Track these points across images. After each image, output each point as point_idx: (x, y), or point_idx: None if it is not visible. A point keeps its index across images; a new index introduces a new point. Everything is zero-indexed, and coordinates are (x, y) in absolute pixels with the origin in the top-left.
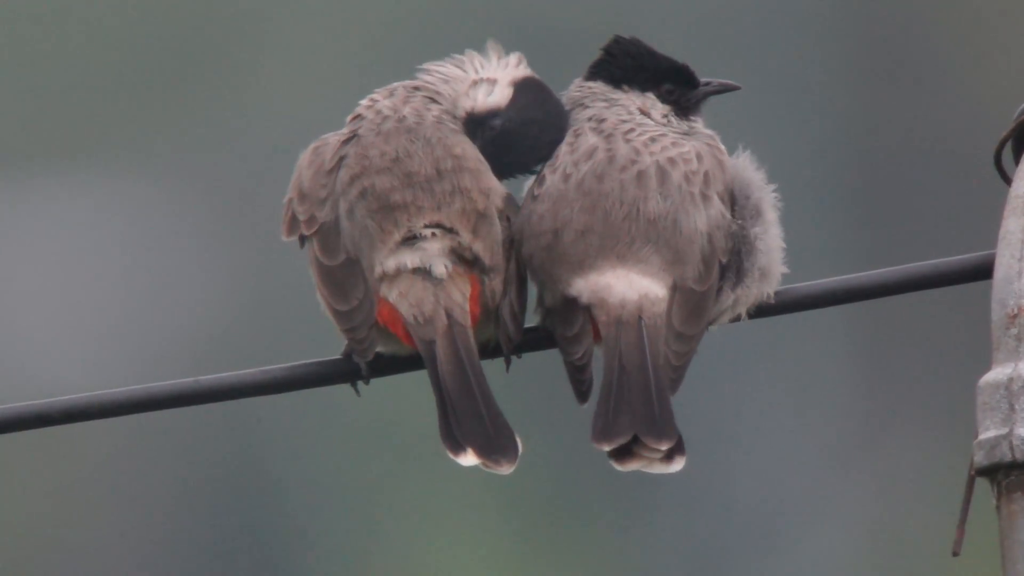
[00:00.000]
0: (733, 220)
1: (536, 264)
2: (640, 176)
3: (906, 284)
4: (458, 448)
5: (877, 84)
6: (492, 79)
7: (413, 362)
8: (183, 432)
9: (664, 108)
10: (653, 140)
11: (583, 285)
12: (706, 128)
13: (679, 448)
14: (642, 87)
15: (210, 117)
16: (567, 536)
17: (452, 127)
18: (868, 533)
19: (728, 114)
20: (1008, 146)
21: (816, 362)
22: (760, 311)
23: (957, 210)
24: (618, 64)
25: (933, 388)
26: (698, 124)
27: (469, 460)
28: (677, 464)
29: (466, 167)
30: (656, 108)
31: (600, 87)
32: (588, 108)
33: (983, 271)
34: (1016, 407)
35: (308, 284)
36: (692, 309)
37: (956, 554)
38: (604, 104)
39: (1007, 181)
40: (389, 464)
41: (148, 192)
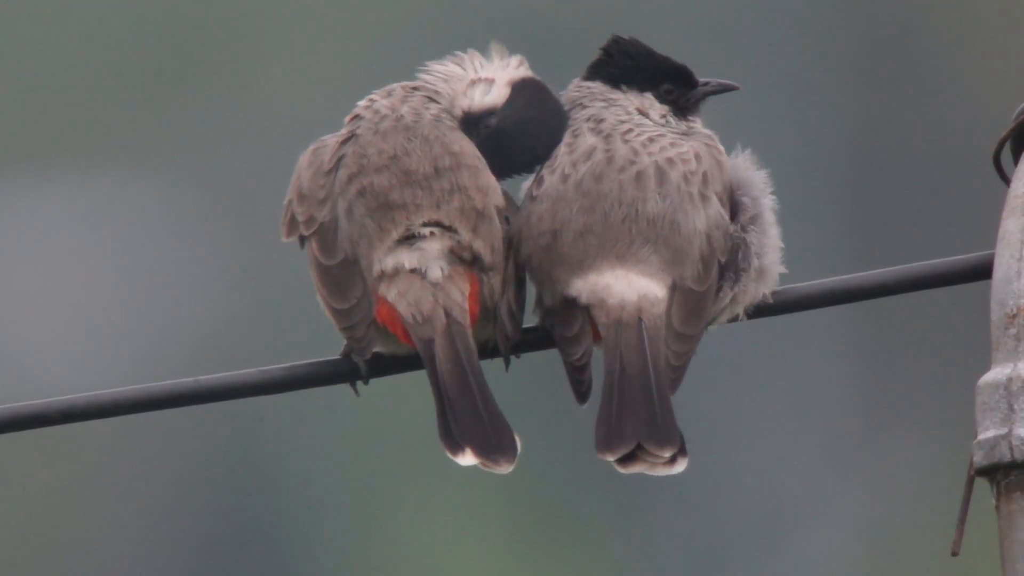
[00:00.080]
0: (732, 220)
1: (535, 265)
2: (639, 176)
3: (905, 284)
4: (457, 448)
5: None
6: (490, 79)
7: (412, 362)
8: (183, 432)
9: (663, 108)
10: (651, 140)
11: (582, 285)
12: (705, 128)
13: (681, 450)
14: (640, 87)
15: (210, 117)
16: (567, 536)
17: (450, 125)
18: (868, 533)
19: (728, 114)
20: (1007, 146)
21: (816, 362)
22: (759, 311)
23: (956, 210)
24: (616, 64)
25: (932, 388)
26: (697, 124)
27: (468, 460)
28: (679, 466)
29: (464, 164)
30: (654, 108)
31: (598, 87)
32: (586, 108)
33: (982, 271)
34: (1015, 407)
35: (308, 284)
36: (691, 309)
37: (956, 554)
38: (602, 104)
39: (1006, 181)
40: (389, 464)
41: (148, 192)
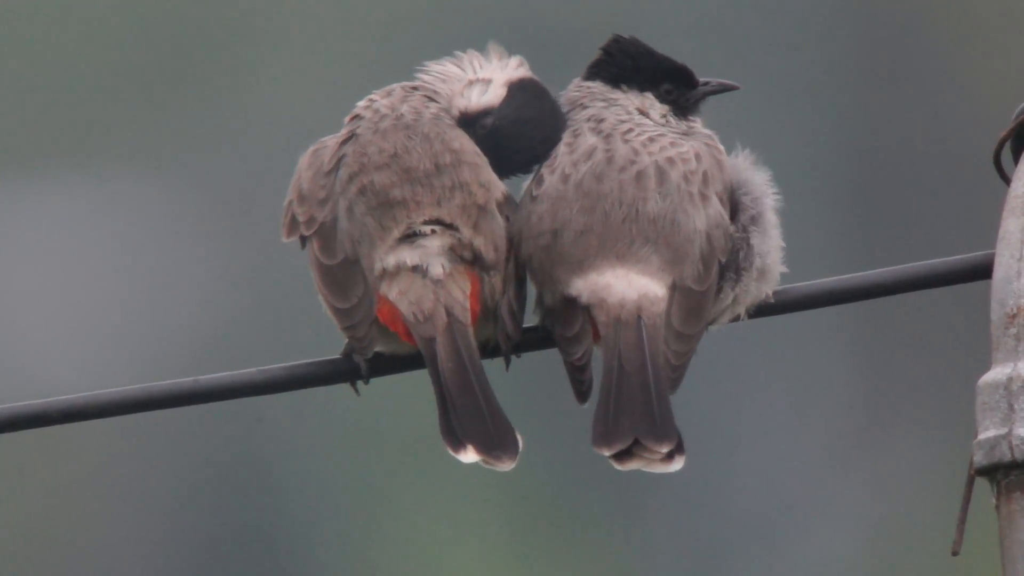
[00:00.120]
0: (732, 220)
1: (535, 264)
2: (639, 176)
3: (905, 284)
4: (458, 445)
5: (877, 84)
6: (487, 79)
7: (413, 361)
8: (183, 432)
9: (663, 108)
10: (652, 140)
11: (582, 285)
12: (705, 128)
13: (679, 448)
14: (641, 87)
15: (210, 117)
16: (567, 535)
17: (450, 123)
18: (868, 532)
19: (728, 114)
20: (1007, 146)
21: (816, 362)
22: (759, 311)
23: (956, 210)
24: (617, 64)
25: (932, 388)
26: (697, 124)
27: (469, 457)
28: (677, 464)
29: (465, 161)
30: (655, 108)
31: (599, 87)
32: (587, 108)
33: (982, 271)
34: (1015, 407)
35: (308, 284)
36: (691, 309)
37: (956, 553)
38: (603, 104)
39: (1006, 181)
40: (389, 464)
41: (148, 192)
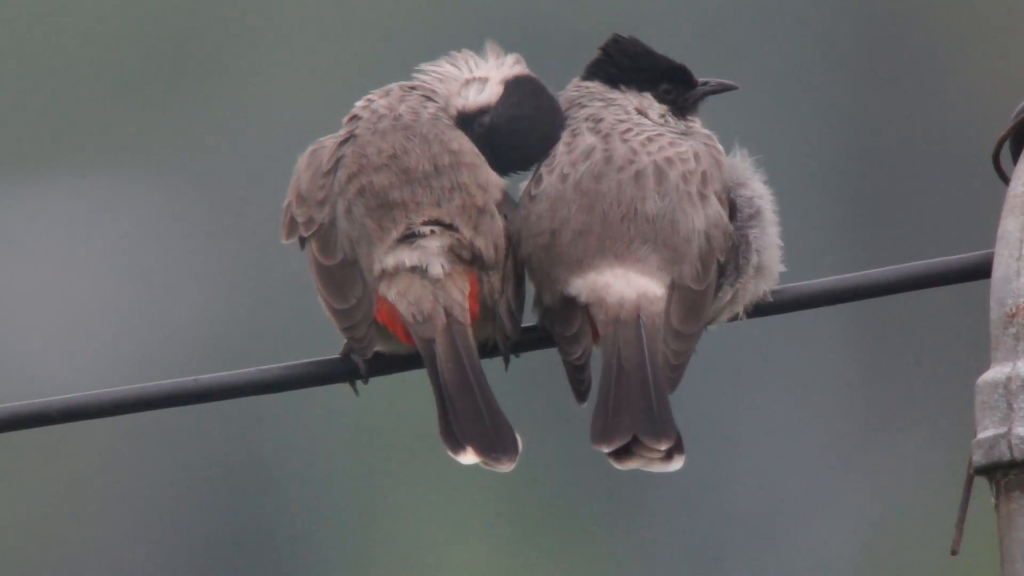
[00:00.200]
0: (731, 219)
1: (534, 264)
2: (638, 176)
3: (905, 283)
4: (458, 446)
5: (877, 84)
6: (484, 77)
7: (412, 361)
8: (183, 432)
9: (661, 108)
10: (650, 140)
11: (581, 285)
12: (704, 128)
13: (678, 447)
14: (639, 87)
15: (210, 117)
16: (566, 535)
17: (448, 123)
18: (867, 532)
19: (728, 114)
20: (1006, 145)
21: (815, 362)
22: (759, 310)
23: (956, 210)
24: (615, 64)
25: (932, 387)
26: (696, 124)
27: (469, 458)
28: (676, 463)
29: (464, 162)
30: (653, 108)
31: (597, 87)
32: (585, 108)
33: (981, 270)
34: (1014, 406)
35: (307, 284)
36: (690, 308)
37: (955, 553)
38: (601, 104)
39: (1005, 180)
40: (389, 464)
41: (148, 192)
